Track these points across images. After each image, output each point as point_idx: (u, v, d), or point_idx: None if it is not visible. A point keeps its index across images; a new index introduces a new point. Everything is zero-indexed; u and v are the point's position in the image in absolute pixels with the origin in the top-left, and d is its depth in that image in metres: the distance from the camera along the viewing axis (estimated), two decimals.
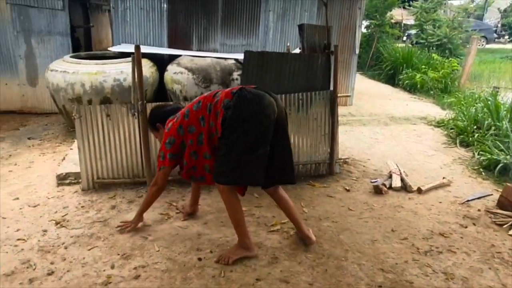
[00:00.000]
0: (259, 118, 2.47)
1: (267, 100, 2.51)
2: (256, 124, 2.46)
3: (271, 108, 2.51)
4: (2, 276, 2.47)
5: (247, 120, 2.45)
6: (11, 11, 6.07)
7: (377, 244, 2.98)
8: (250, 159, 2.49)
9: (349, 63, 7.54)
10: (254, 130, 2.46)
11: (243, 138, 2.46)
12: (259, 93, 2.55)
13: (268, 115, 2.49)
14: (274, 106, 2.54)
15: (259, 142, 2.49)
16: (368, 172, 4.37)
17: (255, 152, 2.48)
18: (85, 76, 4.95)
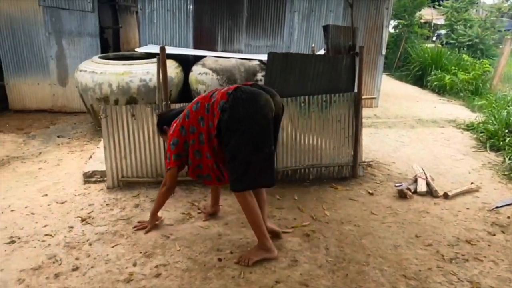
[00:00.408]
0: (255, 118, 2.45)
1: (263, 99, 2.49)
2: (253, 124, 2.45)
3: (268, 107, 2.49)
4: (30, 270, 2.55)
5: (243, 120, 2.45)
6: (43, 13, 6.28)
7: (400, 249, 2.92)
8: (257, 160, 2.50)
9: (375, 64, 7.41)
10: (252, 130, 2.45)
11: (243, 140, 2.46)
12: (254, 92, 2.52)
13: (265, 114, 2.47)
14: (271, 103, 2.52)
15: (262, 142, 2.48)
16: (392, 176, 4.28)
17: (260, 153, 2.49)
18: (112, 77, 5.06)
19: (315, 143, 4.00)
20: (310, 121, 3.94)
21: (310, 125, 3.95)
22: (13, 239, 2.89)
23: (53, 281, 2.47)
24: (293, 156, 3.98)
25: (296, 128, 3.92)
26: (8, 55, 6.44)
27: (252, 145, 2.47)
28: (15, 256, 2.70)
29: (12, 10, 6.23)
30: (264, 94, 2.52)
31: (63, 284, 2.44)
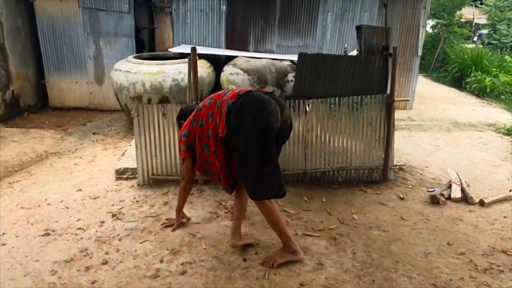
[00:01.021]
0: (260, 124, 2.42)
1: (271, 107, 2.47)
2: (257, 130, 2.41)
3: (274, 115, 2.47)
4: (62, 262, 2.65)
5: (248, 124, 2.42)
6: (83, 14, 6.52)
7: (430, 257, 2.82)
8: (269, 169, 2.47)
9: (411, 65, 7.21)
10: (256, 135, 2.42)
11: (249, 146, 2.43)
12: (264, 98, 2.52)
13: (270, 122, 2.44)
14: (278, 114, 2.50)
15: (268, 149, 2.45)
16: (425, 181, 4.15)
17: (268, 162, 2.45)
18: (146, 76, 5.18)
19: (345, 145, 3.94)
20: (340, 123, 3.88)
21: (340, 126, 3.89)
22: (48, 232, 3.01)
23: (84, 274, 2.55)
24: (322, 158, 3.93)
25: (326, 129, 3.87)
26: (49, 55, 6.72)
27: (259, 153, 2.43)
28: (49, 248, 2.80)
29: (54, 11, 6.50)
30: (273, 103, 2.51)
31: (93, 277, 2.52)
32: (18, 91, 6.54)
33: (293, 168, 3.91)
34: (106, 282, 2.47)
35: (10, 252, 2.74)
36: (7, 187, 3.82)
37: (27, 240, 2.90)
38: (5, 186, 3.84)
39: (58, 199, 3.55)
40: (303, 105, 3.77)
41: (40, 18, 6.54)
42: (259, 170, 2.46)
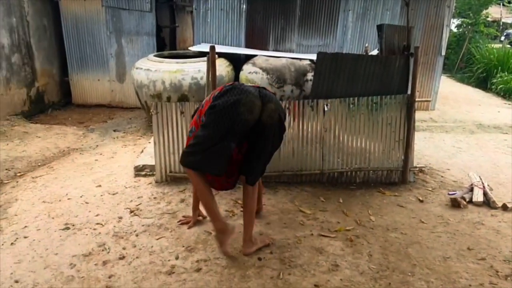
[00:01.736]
0: (230, 111, 2.43)
1: (247, 98, 2.45)
2: (227, 116, 2.43)
3: (248, 107, 2.44)
4: (81, 256, 2.70)
5: (221, 109, 2.44)
6: (105, 13, 6.63)
7: (449, 261, 2.76)
8: (213, 148, 2.46)
9: (434, 65, 7.07)
10: (224, 120, 2.43)
11: (213, 124, 2.46)
12: (244, 90, 2.50)
13: (240, 113, 2.43)
14: (254, 106, 2.46)
15: (226, 135, 2.45)
16: (446, 183, 4.06)
17: (218, 143, 2.45)
18: (166, 74, 5.24)
19: (363, 145, 3.89)
20: (359, 123, 3.83)
21: (358, 127, 3.84)
22: (67, 226, 3.08)
23: (101, 268, 2.59)
24: (340, 158, 3.90)
25: (344, 129, 3.83)
26: (73, 53, 6.87)
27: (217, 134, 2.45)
28: (69, 242, 2.87)
29: (78, 10, 6.64)
30: (252, 96, 2.48)
31: (110, 271, 2.56)
32: (42, 88, 6.72)
33: (310, 168, 3.88)
34: (122, 277, 2.50)
35: (31, 245, 2.82)
36: (30, 182, 3.92)
37: (48, 233, 2.97)
38: (29, 181, 3.95)
39: (78, 194, 3.62)
40: (322, 104, 3.74)
41: (64, 17, 6.69)
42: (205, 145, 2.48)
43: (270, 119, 2.51)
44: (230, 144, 2.48)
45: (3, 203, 3.47)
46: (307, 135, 3.81)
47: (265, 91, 2.62)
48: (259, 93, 2.55)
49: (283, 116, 2.65)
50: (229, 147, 2.48)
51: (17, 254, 2.70)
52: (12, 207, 3.38)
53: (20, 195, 3.60)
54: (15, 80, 6.06)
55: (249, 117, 2.46)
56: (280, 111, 2.61)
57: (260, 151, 2.62)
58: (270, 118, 2.51)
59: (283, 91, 5.41)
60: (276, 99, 2.67)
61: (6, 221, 3.15)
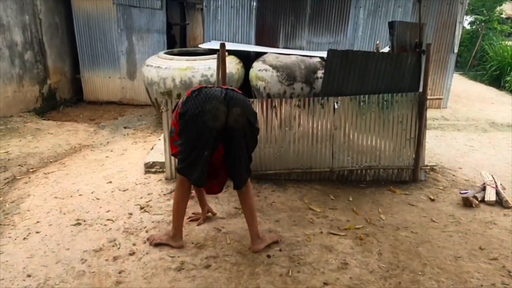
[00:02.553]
0: (196, 121, 2.48)
1: (210, 106, 2.46)
2: (194, 125, 2.49)
3: (212, 114, 2.46)
4: (92, 251, 2.73)
5: (188, 119, 2.50)
6: (116, 11, 6.67)
7: (460, 261, 2.73)
8: (193, 158, 2.53)
9: (446, 62, 6.98)
10: (192, 129, 2.50)
11: (185, 134, 2.54)
12: (208, 96, 2.51)
13: (205, 121, 2.45)
14: (218, 112, 2.46)
15: (198, 143, 2.50)
16: (457, 182, 4.02)
17: (195, 151, 2.52)
18: (176, 72, 5.25)
19: (374, 143, 3.87)
20: (369, 121, 3.80)
21: (369, 125, 3.82)
22: (79, 222, 3.11)
23: (112, 264, 2.61)
24: (350, 156, 3.87)
25: (354, 127, 3.81)
26: (85, 50, 6.93)
27: (191, 144, 2.52)
28: (80, 237, 2.90)
29: (90, 8, 6.69)
30: (216, 102, 2.48)
31: (120, 267, 2.58)
32: (54, 85, 6.79)
33: (320, 166, 3.87)
34: (132, 273, 2.52)
35: (43, 240, 2.85)
36: (42, 177, 3.97)
37: (60, 229, 3.01)
38: (41, 177, 3.99)
39: (89, 190, 3.66)
40: (332, 102, 3.72)
41: (76, 15, 6.74)
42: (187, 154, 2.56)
43: (236, 123, 2.50)
44: (203, 153, 2.51)
45: (16, 198, 3.52)
46: (317, 133, 3.80)
47: (233, 93, 2.59)
48: (225, 96, 2.52)
49: (252, 118, 2.60)
50: (203, 156, 2.52)
51: (30, 249, 2.74)
52: (24, 203, 3.43)
53: (33, 191, 3.65)
54: (28, 77, 6.13)
55: (215, 124, 2.47)
56: (247, 113, 2.57)
57: (236, 154, 2.61)
58: (236, 122, 2.50)
59: (293, 88, 5.39)
60: (244, 100, 2.62)
61: (19, 216, 3.19)
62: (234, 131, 2.52)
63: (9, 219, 3.15)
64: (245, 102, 2.61)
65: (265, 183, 3.83)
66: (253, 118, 2.62)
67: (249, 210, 2.78)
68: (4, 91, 5.64)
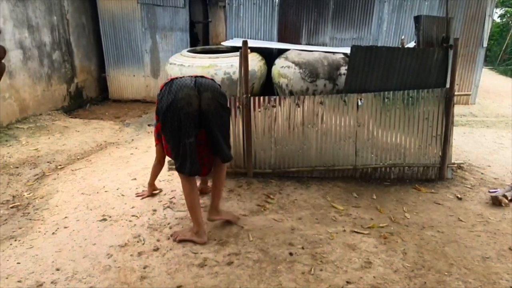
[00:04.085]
0: (173, 110, 2.59)
1: (182, 93, 2.59)
2: (172, 115, 2.60)
3: (186, 101, 2.59)
4: (117, 247, 2.79)
5: (165, 110, 2.61)
6: (141, 10, 6.78)
7: (489, 262, 2.65)
8: (181, 148, 2.66)
9: (474, 57, 6.78)
10: (172, 120, 2.61)
11: (168, 128, 2.67)
12: (181, 85, 2.63)
13: (181, 107, 2.58)
14: (191, 98, 2.60)
15: (181, 132, 2.62)
16: (486, 181, 3.90)
17: (180, 142, 2.65)
18: (198, 69, 5.28)
19: (399, 141, 3.79)
20: (394, 118, 3.73)
21: (393, 122, 3.75)
22: (105, 217, 3.18)
23: (136, 259, 2.66)
24: (374, 154, 3.82)
25: (378, 124, 3.74)
26: (110, 49, 7.07)
27: (175, 134, 2.64)
28: (106, 233, 2.96)
29: (115, 7, 6.82)
30: (187, 89, 2.61)
31: (145, 262, 2.63)
32: (81, 84, 6.96)
33: (343, 164, 3.83)
34: (156, 268, 2.57)
35: (71, 235, 2.93)
36: (70, 174, 4.08)
37: (87, 224, 3.09)
38: (69, 173, 4.11)
39: (115, 186, 3.73)
40: (355, 99, 3.67)
41: (102, 15, 6.89)
42: (176, 147, 2.69)
43: (208, 106, 2.66)
44: (189, 141, 2.65)
45: (45, 194, 3.63)
46: (340, 130, 3.76)
47: (202, 80, 2.72)
48: (195, 83, 2.67)
49: (222, 100, 2.76)
50: (189, 144, 2.65)
51: (58, 243, 2.82)
52: (53, 198, 3.53)
53: (61, 187, 3.76)
54: (56, 77, 6.31)
55: (189, 109, 2.60)
56: (217, 97, 2.72)
57: (216, 133, 2.76)
58: (208, 105, 2.66)
59: (315, 85, 5.34)
60: (214, 85, 2.76)
61: (48, 211, 3.29)
62: (209, 114, 2.68)
63: (39, 214, 3.26)
64: (214, 86, 2.76)
65: (287, 180, 3.82)
66: (223, 100, 2.79)
67: (219, 183, 2.98)
68: (33, 90, 5.82)
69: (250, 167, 3.82)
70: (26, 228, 3.04)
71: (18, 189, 3.74)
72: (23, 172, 4.12)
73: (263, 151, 3.82)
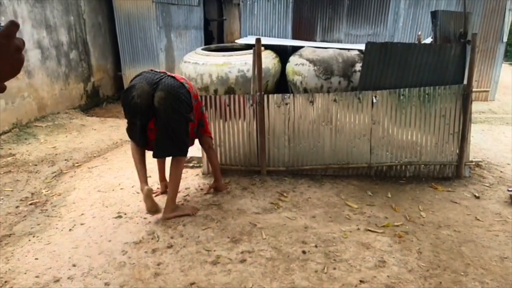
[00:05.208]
0: (126, 95, 2.99)
1: (138, 86, 2.95)
2: (124, 98, 3.02)
3: (138, 93, 2.93)
4: (132, 244, 2.82)
5: (123, 92, 3.08)
6: (156, 9, 6.83)
7: (507, 262, 2.59)
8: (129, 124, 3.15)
9: (494, 52, 6.63)
10: (124, 102, 3.04)
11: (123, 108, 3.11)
12: (143, 78, 2.99)
13: (132, 96, 2.94)
14: (144, 93, 2.92)
15: (129, 116, 3.09)
16: (505, 179, 3.81)
17: (129, 121, 3.14)
18: (212, 67, 5.30)
19: (414, 138, 3.74)
20: (410, 115, 3.68)
21: (409, 119, 3.69)
22: (120, 214, 3.23)
23: (151, 256, 2.69)
24: (389, 152, 3.77)
25: (394, 122, 3.70)
26: (125, 48, 7.15)
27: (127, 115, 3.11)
28: (121, 230, 3.00)
29: (130, 6, 6.89)
30: (143, 84, 2.94)
31: (159, 259, 2.65)
32: (98, 82, 7.05)
33: (357, 161, 3.79)
34: (170, 265, 2.59)
35: (87, 231, 2.98)
36: (87, 172, 4.14)
37: (102, 221, 3.13)
38: (85, 171, 4.17)
39: (130, 184, 3.78)
40: (370, 96, 3.63)
41: (117, 14, 6.96)
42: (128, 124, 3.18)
43: (158, 104, 2.92)
44: (136, 122, 3.05)
45: (63, 191, 3.70)
46: (355, 128, 3.72)
47: (166, 80, 2.96)
48: (158, 81, 2.95)
49: (176, 105, 2.94)
50: (136, 124, 3.07)
51: (75, 240, 2.87)
52: (70, 196, 3.60)
53: (78, 184, 3.82)
54: (73, 76, 6.41)
55: (138, 100, 2.93)
56: (171, 99, 2.93)
57: (161, 130, 3.01)
58: (159, 104, 2.92)
59: (330, 82, 5.30)
60: (173, 88, 2.94)
61: (65, 208, 3.36)
62: (158, 111, 2.95)
63: (56, 211, 3.32)
64: (173, 89, 2.94)
65: (301, 178, 3.81)
66: (178, 105, 2.96)
67: (170, 180, 3.19)
68: (51, 89, 5.93)
69: (263, 164, 3.82)
70: (44, 225, 3.10)
71: (37, 187, 3.82)
72: (41, 169, 4.21)
73: (277, 149, 3.82)
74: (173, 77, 3.04)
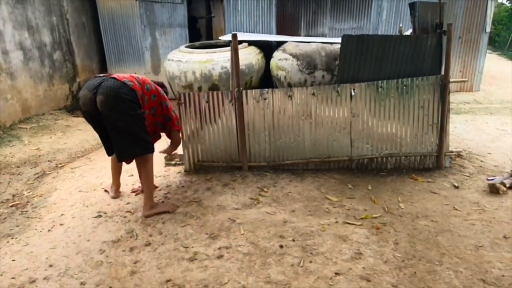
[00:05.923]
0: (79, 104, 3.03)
1: (82, 93, 2.96)
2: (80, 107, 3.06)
3: (82, 101, 2.95)
4: (110, 242, 2.82)
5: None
6: (139, 7, 6.80)
7: (482, 251, 2.62)
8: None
9: (477, 43, 6.65)
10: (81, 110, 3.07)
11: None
12: (87, 85, 2.96)
13: (81, 106, 3.00)
14: (87, 99, 2.90)
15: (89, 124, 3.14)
16: (485, 168, 3.84)
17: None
18: (196, 65, 5.30)
19: (394, 130, 3.75)
20: (389, 107, 3.69)
21: (388, 111, 3.71)
22: (100, 214, 3.22)
23: (128, 254, 2.69)
24: (369, 144, 3.78)
25: (373, 114, 3.71)
26: (111, 47, 7.12)
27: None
28: (100, 229, 3.00)
29: (114, 6, 6.86)
30: (86, 91, 2.91)
31: (136, 257, 2.65)
32: (83, 83, 7.01)
33: (338, 155, 3.81)
34: (147, 263, 2.59)
35: (66, 232, 2.98)
36: (69, 172, 4.13)
37: (82, 221, 3.13)
38: (68, 171, 4.16)
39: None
40: (348, 89, 3.64)
41: (101, 13, 6.93)
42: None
43: (101, 108, 2.88)
44: (95, 128, 3.14)
45: (44, 192, 3.69)
46: (334, 121, 3.73)
47: (106, 83, 2.90)
48: (99, 84, 2.89)
49: (118, 105, 2.87)
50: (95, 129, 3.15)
51: (53, 240, 2.87)
52: (51, 196, 3.59)
53: (60, 185, 3.81)
54: (58, 76, 6.38)
55: (85, 108, 2.96)
56: (111, 101, 2.86)
57: (112, 134, 2.99)
58: (101, 107, 2.88)
59: (314, 77, 5.31)
60: (112, 89, 2.86)
61: (46, 209, 3.35)
62: (104, 116, 2.92)
63: (37, 212, 3.31)
64: (112, 91, 2.86)
65: (282, 173, 3.81)
66: (121, 105, 2.89)
67: (142, 179, 3.26)
68: (35, 90, 5.90)
69: (245, 160, 3.82)
70: (24, 226, 3.09)
71: (18, 188, 3.81)
72: (24, 171, 4.19)
73: (258, 144, 3.82)
74: (114, 78, 2.96)
